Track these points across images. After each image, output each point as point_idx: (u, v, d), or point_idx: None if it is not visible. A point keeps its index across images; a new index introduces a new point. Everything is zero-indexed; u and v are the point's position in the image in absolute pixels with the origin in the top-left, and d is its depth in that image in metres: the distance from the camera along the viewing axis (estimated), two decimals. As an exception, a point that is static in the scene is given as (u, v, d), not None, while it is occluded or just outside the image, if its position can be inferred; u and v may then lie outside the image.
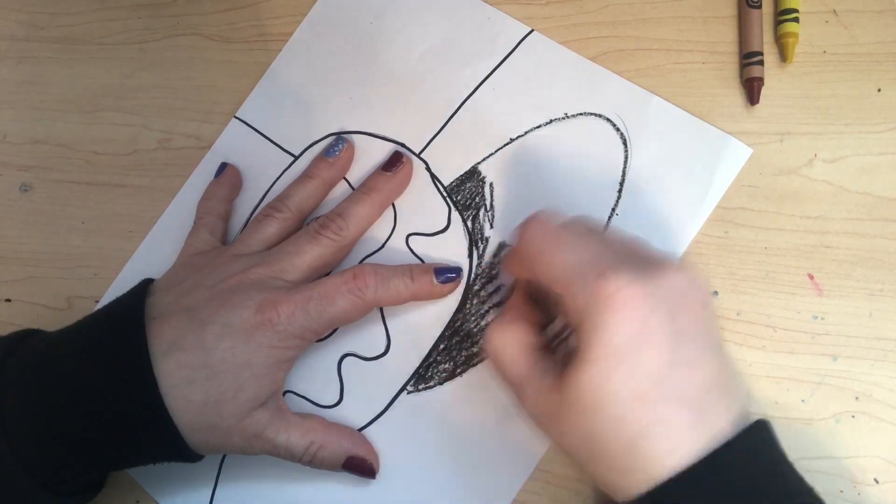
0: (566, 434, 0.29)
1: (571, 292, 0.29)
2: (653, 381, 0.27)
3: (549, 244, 0.31)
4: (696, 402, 0.28)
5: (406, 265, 0.38)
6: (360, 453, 0.37)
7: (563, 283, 0.29)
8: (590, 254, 0.29)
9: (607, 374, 0.27)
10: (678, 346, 0.28)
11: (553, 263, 0.30)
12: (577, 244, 0.30)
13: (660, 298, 0.28)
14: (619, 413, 0.27)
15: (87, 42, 0.49)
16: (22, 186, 0.47)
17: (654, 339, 0.27)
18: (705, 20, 0.41)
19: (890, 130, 0.38)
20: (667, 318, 0.28)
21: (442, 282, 0.38)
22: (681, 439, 0.27)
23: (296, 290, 0.35)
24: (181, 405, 0.33)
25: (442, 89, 0.42)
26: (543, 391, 0.30)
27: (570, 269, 0.29)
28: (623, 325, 0.27)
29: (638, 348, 0.27)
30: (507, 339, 0.32)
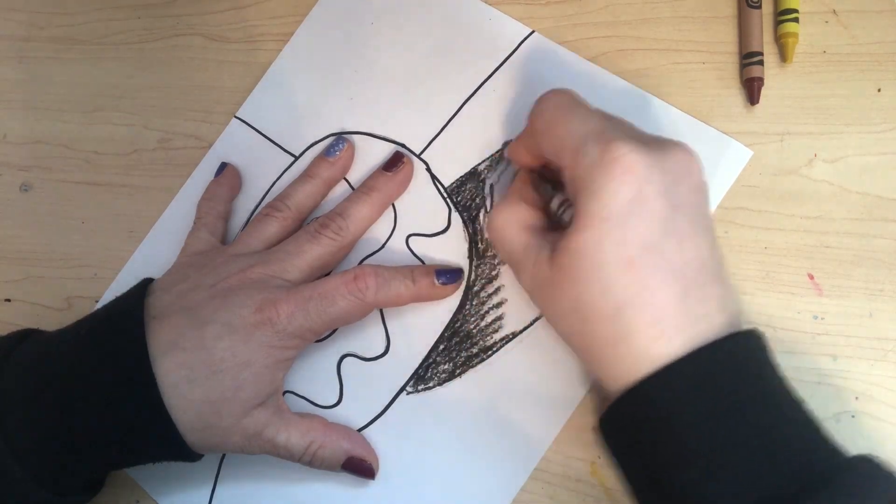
0: (556, 303, 0.30)
1: (576, 159, 0.29)
2: (643, 248, 0.28)
3: (559, 115, 0.31)
4: (683, 276, 0.28)
5: (407, 266, 0.38)
6: (360, 453, 0.37)
7: (571, 150, 0.30)
8: (598, 125, 0.30)
9: (599, 238, 0.28)
10: (672, 218, 0.28)
11: (562, 133, 0.30)
12: (587, 116, 0.31)
13: (659, 170, 0.28)
14: (607, 279, 0.28)
15: (87, 42, 0.49)
16: (22, 186, 0.47)
17: (649, 208, 0.28)
18: (705, 20, 0.41)
19: (890, 130, 0.38)
20: (664, 189, 0.28)
21: (443, 283, 0.38)
22: (665, 312, 0.27)
23: (296, 290, 0.35)
24: (180, 404, 0.33)
25: (443, 90, 0.42)
26: (539, 264, 0.31)
27: (578, 137, 0.30)
28: (619, 190, 0.28)
29: (631, 214, 0.28)
30: (507, 218, 0.33)
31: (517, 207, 0.34)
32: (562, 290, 0.29)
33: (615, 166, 0.28)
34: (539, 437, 0.37)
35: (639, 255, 0.28)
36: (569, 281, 0.29)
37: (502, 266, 0.39)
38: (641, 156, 0.28)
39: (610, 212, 0.28)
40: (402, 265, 0.38)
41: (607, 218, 0.28)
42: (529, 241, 0.32)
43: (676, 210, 0.28)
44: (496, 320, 0.38)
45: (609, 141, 0.28)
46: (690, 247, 0.28)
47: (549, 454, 0.37)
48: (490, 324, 0.38)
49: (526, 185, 0.35)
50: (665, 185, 0.28)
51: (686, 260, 0.28)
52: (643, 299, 0.28)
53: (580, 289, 0.29)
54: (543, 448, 0.37)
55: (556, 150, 0.31)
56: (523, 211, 0.34)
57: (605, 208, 0.28)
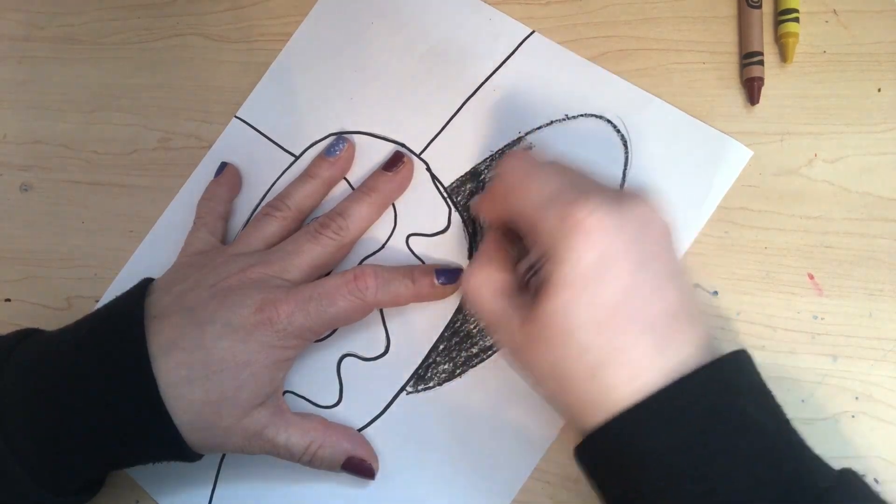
0: (535, 366, 0.30)
1: (542, 221, 0.29)
2: (613, 308, 0.28)
3: (521, 178, 0.31)
4: (658, 328, 0.28)
5: (407, 266, 0.38)
6: (360, 454, 0.37)
7: (535, 212, 0.30)
8: (559, 186, 0.30)
9: (568, 304, 0.28)
10: (641, 271, 0.28)
11: (527, 194, 0.30)
12: (547, 178, 0.31)
13: (625, 225, 0.28)
14: (582, 341, 0.28)
15: (87, 42, 0.49)
16: (22, 186, 0.47)
17: (615, 268, 0.28)
18: (705, 20, 0.41)
19: (890, 130, 0.38)
20: (627, 246, 0.28)
21: (443, 283, 0.38)
22: (641, 366, 0.27)
23: (296, 289, 0.35)
24: (180, 404, 0.33)
25: (443, 90, 0.42)
26: (516, 326, 0.31)
27: (542, 198, 0.30)
28: (585, 253, 0.28)
29: (598, 276, 0.28)
30: (480, 280, 0.33)
31: (488, 269, 0.33)
32: (537, 356, 0.29)
33: (576, 231, 0.28)
34: (539, 437, 0.37)
35: (609, 315, 0.28)
36: (543, 347, 0.29)
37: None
38: (601, 216, 0.28)
39: (576, 276, 0.28)
40: (402, 265, 0.38)
41: (574, 283, 0.28)
42: (503, 306, 0.32)
43: (642, 264, 0.28)
44: (496, 320, 0.38)
45: (567, 205, 0.28)
46: (659, 299, 0.28)
47: (549, 454, 0.37)
48: (490, 324, 0.38)
49: (495, 245, 0.34)
50: (628, 241, 0.28)
51: (657, 313, 0.28)
52: (618, 359, 0.28)
53: (555, 354, 0.28)
54: (543, 448, 0.37)
55: (522, 210, 0.31)
56: (494, 274, 0.33)
57: (571, 273, 0.28)
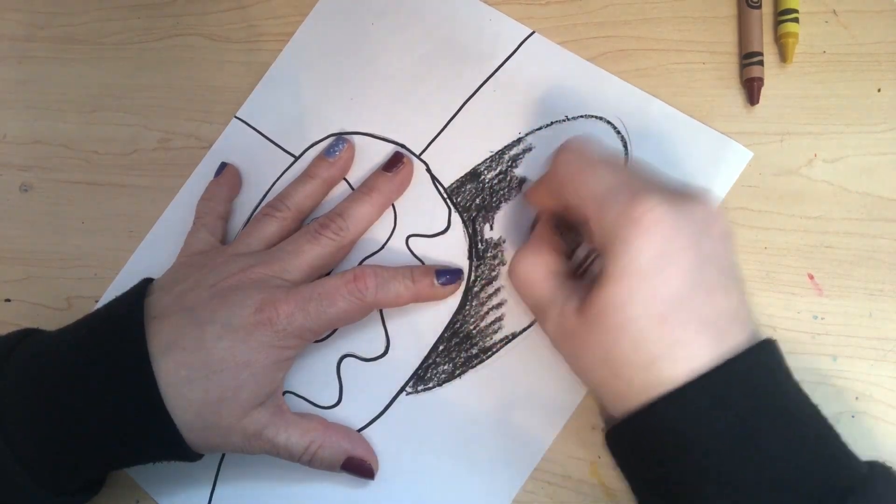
0: (585, 355, 0.30)
1: (602, 213, 0.29)
2: (674, 302, 0.28)
3: (583, 167, 0.31)
4: (715, 326, 0.28)
5: (407, 267, 0.38)
6: (360, 454, 0.37)
7: (595, 203, 0.29)
8: (622, 178, 0.30)
9: (630, 293, 0.28)
10: (701, 270, 0.28)
11: (586, 185, 0.30)
12: (611, 169, 0.31)
13: (686, 223, 0.28)
14: (639, 333, 0.28)
15: (87, 42, 0.49)
16: (22, 186, 0.47)
17: (678, 262, 0.28)
18: (705, 20, 0.41)
19: (890, 130, 0.38)
20: (691, 242, 0.28)
21: (442, 283, 0.38)
22: (698, 360, 0.27)
23: (296, 290, 0.35)
24: (180, 404, 0.33)
25: (442, 90, 0.42)
26: (566, 313, 0.31)
27: (602, 190, 0.30)
28: (648, 245, 0.28)
29: (661, 269, 0.28)
30: (531, 263, 0.33)
31: (541, 253, 0.33)
32: (590, 343, 0.29)
33: (642, 221, 0.28)
34: (539, 437, 0.37)
35: (669, 309, 0.28)
36: (598, 334, 0.29)
37: (502, 267, 0.39)
38: (667, 210, 0.28)
39: (639, 267, 0.28)
40: (402, 265, 0.38)
41: (636, 273, 0.28)
42: (555, 289, 0.32)
43: (704, 262, 0.28)
44: (496, 321, 0.38)
45: (634, 195, 0.28)
46: (720, 298, 0.28)
47: (549, 454, 0.37)
48: (490, 325, 0.38)
49: (549, 230, 0.35)
50: (692, 237, 0.28)
51: (717, 311, 0.28)
52: (675, 353, 0.28)
53: (610, 342, 0.28)
54: (543, 448, 0.37)
55: (579, 202, 0.31)
56: (547, 257, 0.33)
57: (634, 263, 0.28)
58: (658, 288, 0.28)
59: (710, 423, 0.27)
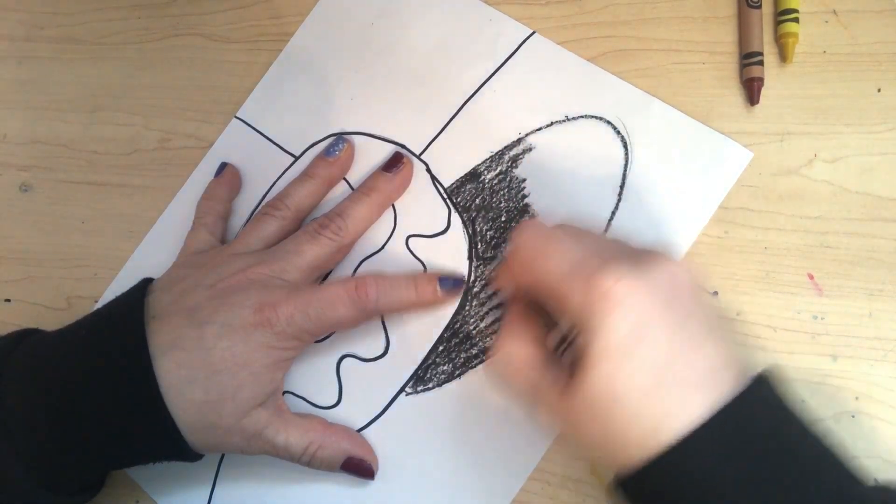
0: (583, 435, 0.29)
1: (568, 294, 0.29)
2: (660, 371, 0.27)
3: (541, 248, 0.31)
4: (707, 382, 0.28)
5: (409, 275, 0.38)
6: (359, 454, 0.37)
7: (559, 285, 0.29)
8: (582, 253, 0.29)
9: (614, 372, 0.27)
10: (680, 331, 0.28)
11: (547, 267, 0.30)
12: (568, 245, 0.30)
13: (655, 288, 0.28)
14: (632, 409, 0.27)
15: (87, 42, 0.49)
16: (22, 186, 0.47)
17: (655, 329, 0.27)
18: (705, 20, 0.41)
19: (890, 130, 0.38)
20: (661, 309, 0.28)
21: (446, 291, 0.38)
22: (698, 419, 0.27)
23: (297, 291, 0.35)
24: (181, 404, 0.33)
25: (443, 91, 0.42)
26: (555, 399, 0.30)
27: (564, 270, 0.29)
28: (622, 320, 0.27)
29: (640, 342, 0.27)
30: (511, 354, 0.32)
31: (518, 341, 0.33)
32: (585, 425, 0.29)
33: (606, 300, 0.27)
34: (539, 437, 0.37)
35: (658, 379, 0.27)
36: (591, 417, 0.28)
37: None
38: (629, 283, 0.27)
39: (614, 347, 0.27)
40: (404, 272, 0.38)
41: (615, 351, 0.27)
42: (539, 376, 0.31)
43: (679, 325, 0.28)
44: (496, 321, 0.38)
45: (592, 274, 0.28)
46: (707, 351, 0.28)
47: (549, 454, 0.37)
48: (490, 325, 0.38)
49: (519, 317, 0.34)
50: (660, 304, 0.28)
51: (706, 366, 0.28)
52: (673, 418, 0.27)
53: (605, 422, 0.28)
54: (543, 448, 0.37)
55: (544, 284, 0.30)
56: (525, 343, 0.32)
57: (611, 341, 0.27)
58: (641, 361, 0.27)
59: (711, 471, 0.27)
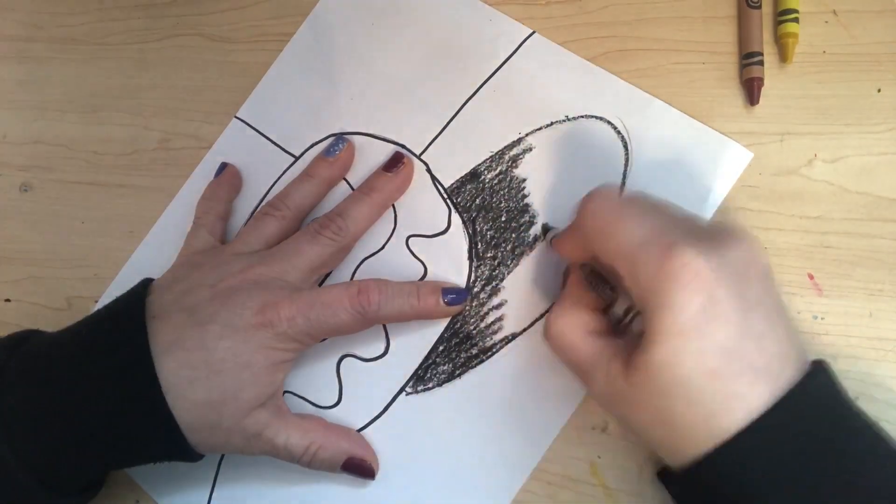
0: (638, 416, 0.29)
1: (635, 270, 0.28)
2: (725, 355, 0.27)
3: (610, 220, 0.30)
4: (768, 372, 0.27)
5: (413, 283, 0.37)
6: (360, 454, 0.37)
7: (627, 260, 0.29)
8: (652, 229, 0.29)
9: (677, 353, 0.27)
10: (746, 317, 0.27)
11: (616, 240, 0.29)
12: (639, 219, 0.29)
13: (725, 271, 0.27)
14: (693, 392, 0.27)
15: (87, 42, 0.49)
16: (22, 186, 0.47)
17: (723, 313, 0.27)
18: (705, 20, 0.41)
19: (890, 130, 0.38)
20: (733, 290, 0.27)
21: (448, 303, 0.37)
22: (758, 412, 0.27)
23: (298, 294, 0.35)
24: (183, 405, 0.33)
25: (443, 91, 0.42)
26: (612, 377, 0.30)
27: (634, 245, 0.28)
28: (689, 301, 0.27)
29: (707, 323, 0.27)
30: (567, 324, 0.32)
31: (577, 312, 0.32)
32: (642, 405, 0.29)
33: (680, 276, 0.27)
34: (539, 437, 0.37)
35: (721, 363, 0.27)
36: (649, 396, 0.28)
37: (502, 267, 0.39)
38: (704, 261, 0.27)
39: (683, 323, 0.27)
40: (408, 281, 0.38)
41: (680, 331, 0.27)
42: (596, 349, 0.31)
43: (749, 308, 0.27)
44: (496, 321, 0.38)
45: (668, 248, 0.27)
46: (771, 343, 0.28)
47: (549, 454, 0.37)
48: (490, 325, 0.38)
49: (581, 285, 0.33)
50: (734, 283, 0.27)
51: (768, 356, 0.27)
52: (734, 405, 0.27)
53: (664, 403, 0.28)
54: (543, 448, 0.37)
55: (610, 259, 0.30)
56: (584, 316, 0.32)
57: (677, 322, 0.27)
58: (705, 344, 0.27)
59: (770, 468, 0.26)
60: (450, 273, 0.39)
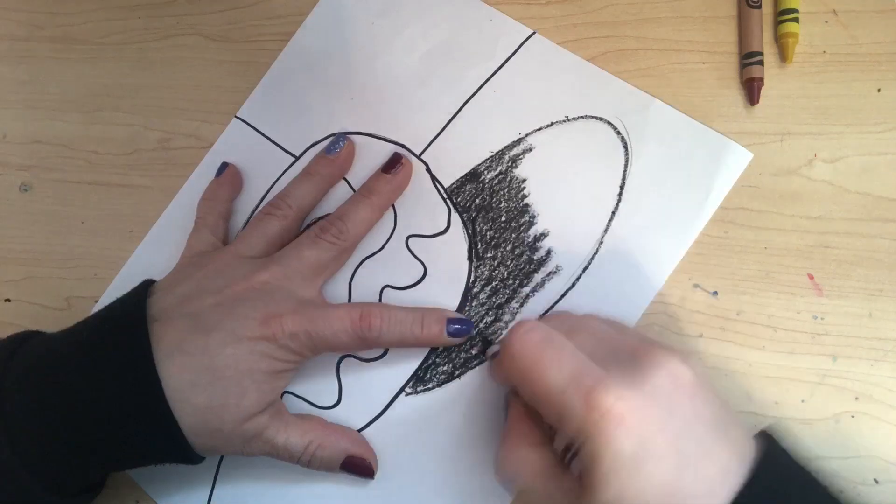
0: None
1: (567, 407, 0.28)
2: (669, 486, 0.27)
3: (536, 358, 0.30)
4: (720, 480, 0.27)
5: (418, 310, 0.37)
6: (359, 453, 0.37)
7: (558, 400, 0.29)
8: (572, 369, 0.29)
9: (624, 490, 0.27)
10: (686, 440, 0.27)
11: (543, 380, 0.29)
12: (557, 363, 0.29)
13: (656, 399, 0.28)
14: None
15: (87, 42, 0.49)
16: (22, 186, 0.47)
17: (660, 445, 0.27)
18: (705, 20, 0.41)
19: (890, 130, 0.38)
20: (666, 418, 0.27)
21: (451, 334, 0.37)
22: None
23: (303, 308, 0.35)
24: (185, 408, 0.33)
25: (443, 91, 0.42)
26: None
27: (561, 385, 0.29)
28: (625, 439, 0.27)
29: (646, 459, 0.27)
30: (519, 464, 0.32)
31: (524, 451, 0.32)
32: None
33: (607, 420, 0.27)
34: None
35: (670, 492, 0.27)
36: None
37: (501, 267, 0.39)
38: (628, 399, 0.27)
39: (620, 466, 0.27)
40: (415, 307, 0.37)
41: (620, 472, 0.27)
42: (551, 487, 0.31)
43: (684, 434, 0.28)
44: (496, 321, 0.38)
45: (590, 392, 0.27)
46: (712, 462, 0.28)
47: (549, 454, 0.37)
48: (490, 325, 0.38)
49: (522, 418, 0.33)
50: (662, 416, 0.27)
51: (717, 468, 0.27)
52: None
53: None
54: (543, 448, 0.37)
55: (536, 404, 0.30)
56: (531, 454, 0.32)
57: (614, 466, 0.27)
58: (649, 479, 0.27)
59: None
60: (450, 273, 0.39)
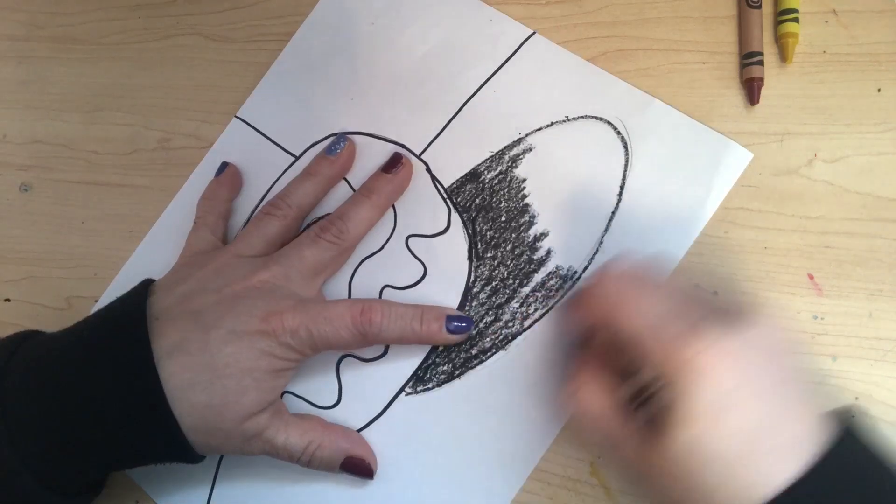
0: (666, 491, 0.29)
1: (658, 350, 0.28)
2: (752, 436, 0.27)
3: (629, 296, 0.30)
4: (797, 446, 0.27)
5: (418, 307, 0.37)
6: (359, 453, 0.37)
7: (649, 340, 0.29)
8: (673, 308, 0.29)
9: (705, 435, 0.27)
10: (772, 397, 0.28)
11: (628, 325, 0.29)
12: (658, 300, 0.30)
13: (747, 353, 0.28)
14: (722, 472, 0.27)
15: (86, 42, 0.49)
16: (22, 186, 0.47)
17: (747, 396, 0.27)
18: (705, 20, 0.41)
19: (890, 130, 0.38)
20: (756, 371, 0.27)
21: (451, 331, 0.37)
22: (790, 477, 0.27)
23: (304, 305, 0.35)
24: (185, 407, 0.33)
25: (443, 91, 0.42)
26: (637, 450, 0.29)
27: (654, 325, 0.29)
28: (714, 385, 0.27)
29: (732, 406, 0.27)
30: (590, 400, 0.32)
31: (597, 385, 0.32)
32: (670, 482, 0.28)
33: (696, 363, 0.27)
34: (539, 437, 0.37)
35: (749, 444, 0.27)
36: (678, 474, 0.28)
37: (501, 267, 0.39)
38: (726, 344, 0.27)
39: (708, 408, 0.27)
40: (415, 304, 0.37)
41: (706, 414, 0.27)
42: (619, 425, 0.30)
43: (770, 392, 0.28)
44: (496, 321, 0.38)
45: (683, 334, 0.28)
46: (794, 423, 0.28)
47: (549, 454, 0.37)
48: (490, 325, 0.38)
49: (599, 351, 0.33)
50: (751, 371, 0.27)
51: (794, 438, 0.27)
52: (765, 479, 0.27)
53: (694, 482, 0.27)
54: (543, 448, 0.37)
55: (630, 336, 0.30)
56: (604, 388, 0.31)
57: (702, 405, 0.27)
58: (732, 426, 0.27)
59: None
60: (449, 273, 0.39)
